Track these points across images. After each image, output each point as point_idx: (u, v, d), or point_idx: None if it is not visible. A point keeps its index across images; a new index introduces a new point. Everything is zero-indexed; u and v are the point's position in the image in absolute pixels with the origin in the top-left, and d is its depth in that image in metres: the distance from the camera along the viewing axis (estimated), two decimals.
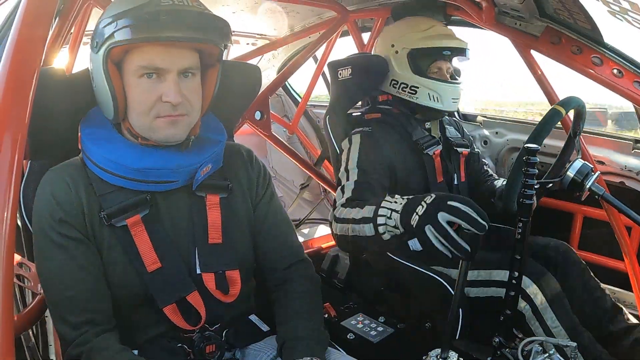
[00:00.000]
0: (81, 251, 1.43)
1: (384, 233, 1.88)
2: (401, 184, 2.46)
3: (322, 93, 5.13)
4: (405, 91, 2.55)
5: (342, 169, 2.42)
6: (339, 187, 2.36)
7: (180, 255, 1.54)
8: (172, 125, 1.45)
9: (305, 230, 3.83)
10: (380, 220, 1.88)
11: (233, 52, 4.17)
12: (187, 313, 1.54)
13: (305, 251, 1.67)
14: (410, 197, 1.80)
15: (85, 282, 1.42)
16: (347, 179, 2.34)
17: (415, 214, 1.66)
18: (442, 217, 1.54)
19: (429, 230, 1.56)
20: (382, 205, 1.89)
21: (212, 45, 1.47)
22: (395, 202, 1.85)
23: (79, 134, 1.52)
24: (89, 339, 1.40)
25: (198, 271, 1.56)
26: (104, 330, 1.43)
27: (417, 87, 2.52)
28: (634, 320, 2.36)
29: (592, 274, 2.46)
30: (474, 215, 1.50)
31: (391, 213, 1.84)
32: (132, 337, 1.53)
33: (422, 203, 1.65)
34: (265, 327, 1.73)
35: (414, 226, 1.64)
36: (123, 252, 1.47)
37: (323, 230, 3.81)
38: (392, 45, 2.56)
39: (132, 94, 1.42)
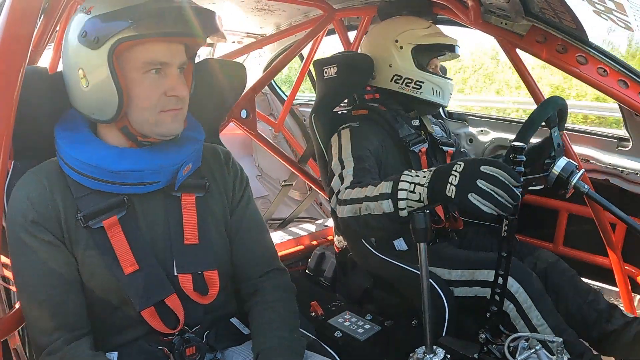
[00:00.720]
0: (52, 254, 1.41)
1: (404, 208, 1.82)
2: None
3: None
4: (409, 86, 2.57)
5: (336, 160, 2.41)
6: (336, 176, 2.34)
7: (157, 256, 1.52)
8: (175, 118, 1.47)
9: (292, 229, 3.83)
10: (401, 194, 1.82)
11: (219, 51, 4.16)
12: (166, 316, 1.51)
13: (291, 250, 1.66)
14: (433, 169, 1.78)
15: (56, 286, 1.40)
16: (344, 167, 2.33)
17: (449, 184, 1.64)
18: (481, 183, 1.55)
19: (473, 197, 1.56)
20: (401, 179, 1.84)
21: (198, 40, 1.50)
22: (417, 175, 1.81)
23: (55, 136, 1.50)
24: (61, 346, 1.37)
25: (175, 273, 1.53)
26: (76, 336, 1.40)
27: (423, 82, 2.55)
28: (630, 316, 2.38)
29: (581, 278, 2.47)
30: (507, 180, 1.54)
31: (415, 187, 1.79)
32: (109, 340, 1.51)
33: (454, 172, 1.63)
34: (246, 330, 1.70)
35: (453, 197, 1.62)
36: (100, 254, 1.45)
37: (309, 228, 3.81)
38: (396, 41, 2.57)
39: (137, 90, 1.41)
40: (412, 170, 1.86)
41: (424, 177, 1.77)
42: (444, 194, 1.65)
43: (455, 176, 1.62)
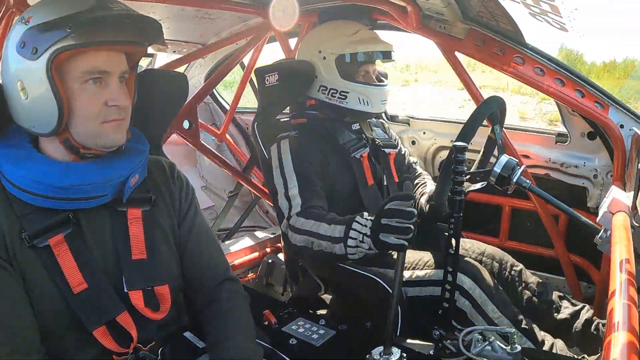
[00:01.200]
0: (0, 277, 1.35)
1: (355, 254, 1.98)
2: (328, 188, 2.47)
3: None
4: (335, 97, 2.56)
5: (278, 176, 2.41)
6: (282, 195, 2.35)
7: (106, 274, 1.48)
8: (117, 129, 1.45)
9: (240, 238, 3.79)
10: (351, 242, 1.96)
11: (159, 61, 4.09)
12: (118, 335, 1.47)
13: (240, 260, 1.65)
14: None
15: (7, 310, 1.35)
16: (288, 186, 2.34)
17: (364, 236, 1.86)
18: (384, 220, 1.71)
19: (382, 236, 1.71)
20: (352, 226, 1.96)
21: (139, 48, 1.48)
22: (366, 225, 1.93)
23: None
24: None
25: (125, 289, 1.49)
26: None
27: (347, 92, 2.53)
28: (579, 304, 2.46)
29: (528, 272, 2.55)
30: (400, 206, 1.72)
31: (363, 237, 1.92)
32: None
33: (368, 220, 1.84)
34: (201, 344, 1.67)
35: (373, 246, 1.84)
36: (47, 274, 1.40)
37: (257, 237, 3.78)
38: (319, 52, 2.56)
39: (77, 101, 1.37)
40: (364, 217, 1.98)
41: (370, 227, 1.92)
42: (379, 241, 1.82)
43: (367, 226, 1.89)
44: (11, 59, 1.37)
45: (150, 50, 1.54)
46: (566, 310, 2.42)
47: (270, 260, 3.26)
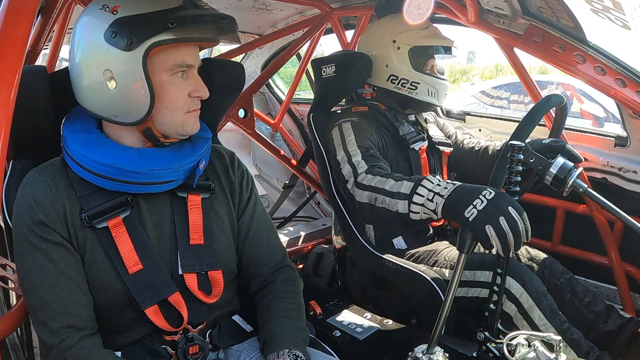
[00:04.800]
0: (60, 255, 1.41)
1: (418, 213, 1.83)
2: None
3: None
4: (405, 87, 2.59)
5: (341, 151, 2.42)
6: (346, 163, 2.34)
7: (162, 256, 1.53)
8: (196, 118, 1.55)
9: (290, 228, 3.82)
10: (417, 199, 1.81)
11: (216, 50, 4.15)
12: (169, 314, 1.52)
13: (289, 249, 1.67)
14: (458, 183, 1.72)
15: (65, 286, 1.40)
16: (352, 156, 2.35)
17: (472, 206, 1.57)
18: (502, 220, 1.51)
19: (489, 229, 1.52)
20: (422, 183, 1.82)
21: (213, 43, 1.60)
22: (439, 184, 1.77)
23: (62, 135, 1.51)
24: (72, 343, 1.38)
25: (180, 272, 1.55)
26: (85, 335, 1.41)
27: (418, 83, 2.58)
28: (627, 316, 2.39)
29: (578, 280, 2.49)
30: (523, 229, 1.52)
31: (434, 196, 1.75)
32: (114, 339, 1.52)
33: (482, 197, 1.58)
34: (249, 328, 1.72)
35: (470, 219, 1.57)
36: (104, 253, 1.46)
37: (308, 228, 3.81)
38: (394, 41, 2.58)
39: (166, 92, 1.44)
40: (436, 176, 1.85)
41: (445, 188, 1.73)
42: (462, 213, 1.59)
43: (482, 202, 1.56)
44: (95, 47, 1.37)
45: None
46: (613, 322, 2.35)
47: (319, 252, 3.27)
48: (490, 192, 1.58)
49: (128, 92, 1.39)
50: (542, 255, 2.54)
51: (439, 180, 1.80)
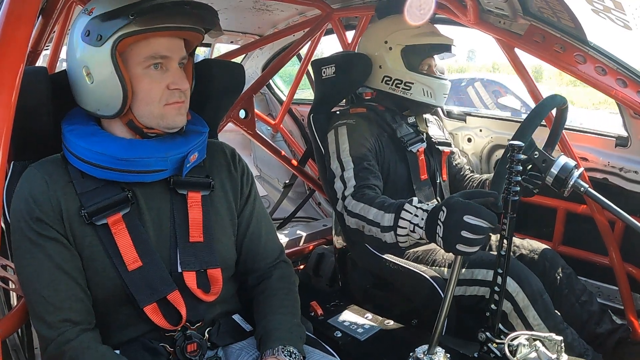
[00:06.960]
0: (57, 250, 1.42)
1: (405, 242, 1.93)
2: (384, 177, 2.48)
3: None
4: (399, 87, 2.57)
5: (335, 160, 2.43)
6: (337, 178, 2.37)
7: (161, 253, 1.54)
8: (179, 111, 1.53)
9: (291, 229, 3.82)
10: (401, 231, 1.91)
11: (217, 51, 4.16)
12: (168, 312, 1.53)
13: (290, 250, 1.68)
14: (430, 209, 1.82)
15: (61, 281, 1.42)
16: (344, 169, 2.36)
17: (437, 235, 1.69)
18: (466, 234, 1.59)
19: (460, 247, 1.60)
20: (401, 215, 1.91)
21: (197, 35, 1.56)
22: (416, 215, 1.86)
23: (62, 131, 1.53)
24: (70, 337, 1.39)
25: (179, 269, 1.55)
26: (83, 329, 1.42)
27: (412, 83, 2.55)
28: (619, 321, 2.40)
29: (578, 278, 2.50)
30: (489, 225, 1.59)
31: (414, 227, 1.86)
32: (112, 337, 1.52)
33: (439, 222, 1.67)
34: (248, 327, 1.72)
35: (442, 245, 1.68)
36: (103, 250, 1.47)
37: (309, 228, 3.81)
38: (386, 42, 2.57)
39: (140, 85, 1.46)
40: (413, 204, 1.91)
41: (422, 219, 1.84)
42: (436, 241, 1.72)
43: (441, 227, 1.66)
44: (77, 47, 1.45)
45: (207, 40, 1.60)
46: (605, 325, 2.37)
47: (320, 252, 3.27)
48: (443, 212, 1.67)
49: (102, 86, 1.44)
50: (544, 247, 2.56)
51: (416, 209, 1.88)
